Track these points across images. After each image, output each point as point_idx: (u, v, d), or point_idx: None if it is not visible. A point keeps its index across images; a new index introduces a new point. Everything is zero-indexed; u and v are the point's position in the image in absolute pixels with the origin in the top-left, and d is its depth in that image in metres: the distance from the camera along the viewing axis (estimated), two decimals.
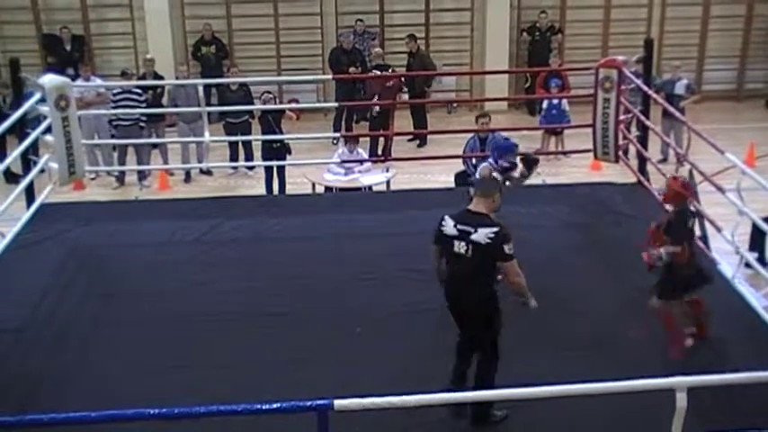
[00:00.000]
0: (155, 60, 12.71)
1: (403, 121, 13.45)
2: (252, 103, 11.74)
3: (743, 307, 6.42)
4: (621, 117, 8.73)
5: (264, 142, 11.20)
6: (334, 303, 6.59)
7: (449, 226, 5.04)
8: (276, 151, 10.94)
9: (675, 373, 3.70)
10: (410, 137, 13.58)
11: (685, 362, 5.11)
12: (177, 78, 12.48)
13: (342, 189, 10.25)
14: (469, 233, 4.94)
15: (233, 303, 6.62)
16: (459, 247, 4.97)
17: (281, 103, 12.93)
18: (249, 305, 6.59)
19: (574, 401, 4.16)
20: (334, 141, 12.46)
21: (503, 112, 14.45)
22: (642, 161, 9.01)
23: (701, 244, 7.65)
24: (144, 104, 11.76)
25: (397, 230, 7.89)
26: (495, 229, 4.92)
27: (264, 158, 11.24)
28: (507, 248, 4.92)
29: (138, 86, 11.92)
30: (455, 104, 15.44)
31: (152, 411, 3.76)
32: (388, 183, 10.53)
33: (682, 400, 3.52)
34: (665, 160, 11.86)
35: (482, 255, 4.92)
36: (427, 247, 6.21)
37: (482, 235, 4.90)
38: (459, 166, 10.56)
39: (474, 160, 10.26)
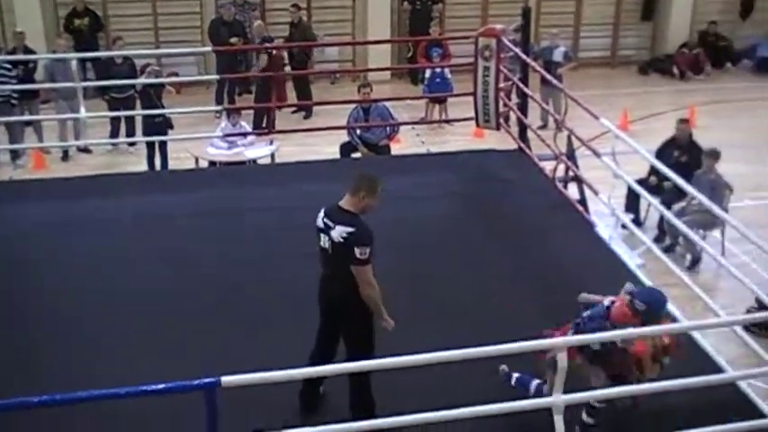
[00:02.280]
0: (25, 34, 12.16)
1: (287, 92, 13.38)
2: (136, 78, 11.41)
3: (619, 266, 6.65)
4: (501, 85, 8.87)
5: (145, 117, 10.92)
6: (218, 281, 6.50)
7: (319, 218, 4.89)
8: (157, 126, 10.68)
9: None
10: (294, 109, 13.50)
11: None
12: (55, 52, 11.97)
13: (226, 163, 10.11)
14: (330, 228, 4.76)
15: (116, 283, 6.46)
16: (323, 241, 4.82)
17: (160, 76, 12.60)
18: (132, 284, 6.43)
19: (460, 368, 4.23)
20: (217, 115, 12.25)
21: (386, 82, 14.51)
22: (522, 128, 9.20)
23: (579, 207, 7.91)
24: (15, 80, 11.27)
25: (283, 204, 7.83)
26: (350, 230, 4.69)
27: (146, 134, 10.95)
28: (359, 252, 4.64)
29: (7, 61, 11.41)
30: (338, 75, 15.41)
31: (31, 399, 3.64)
32: (272, 155, 10.45)
33: (562, 360, 3.63)
34: (544, 126, 12.14)
35: (338, 253, 4.73)
36: (312, 219, 6.17)
37: (338, 232, 4.70)
38: (343, 137, 10.57)
39: (358, 131, 10.30)
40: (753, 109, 14.11)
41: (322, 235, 4.82)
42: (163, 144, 10.82)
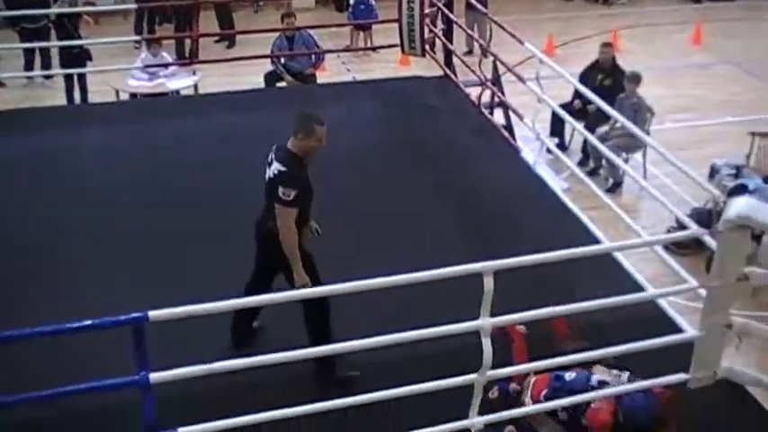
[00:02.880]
0: None
1: (208, 22, 13.05)
2: (49, 7, 10.97)
3: (544, 190, 6.75)
4: (426, 11, 8.80)
5: (62, 49, 10.53)
6: (141, 215, 6.39)
7: (271, 151, 4.80)
8: (75, 58, 10.33)
9: (481, 258, 3.87)
10: (217, 38, 13.20)
11: (490, 249, 5.34)
12: None
13: (147, 95, 9.87)
14: (270, 163, 4.71)
15: (32, 221, 6.29)
16: (266, 174, 4.75)
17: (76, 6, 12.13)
18: (50, 223, 6.28)
19: (385, 293, 4.27)
20: (137, 45, 11.91)
21: (310, 10, 14.29)
22: (448, 54, 9.16)
23: (505, 132, 7.97)
24: None
25: (206, 136, 7.70)
26: (282, 168, 4.60)
27: (63, 66, 10.59)
28: (282, 191, 4.53)
29: None
30: (261, 3, 15.09)
31: None
32: (195, 86, 10.24)
33: (489, 283, 3.68)
34: (470, 52, 12.13)
35: (270, 189, 4.65)
36: (240, 151, 6.10)
37: (273, 168, 4.65)
38: (268, 66, 10.40)
39: (283, 59, 10.15)
40: (673, 33, 14.32)
41: (267, 168, 4.76)
42: (81, 77, 10.50)
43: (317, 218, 5.00)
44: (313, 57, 10.29)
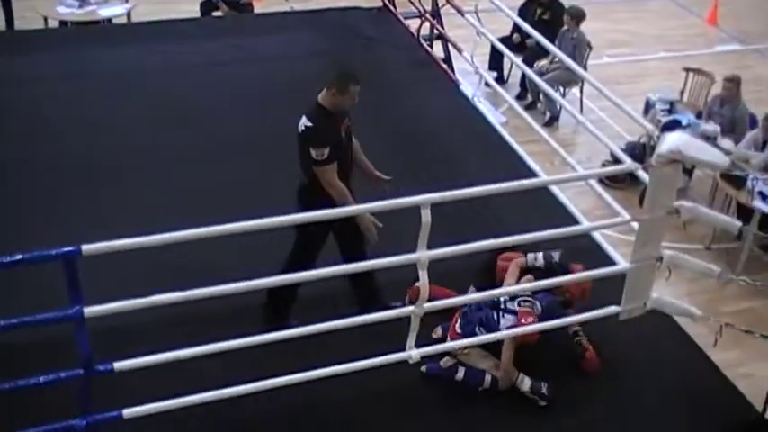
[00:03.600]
0: None
1: None
2: None
3: (482, 123, 6.76)
4: None
5: None
6: (73, 146, 6.26)
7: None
8: None
9: (419, 191, 3.89)
10: None
11: (429, 182, 5.35)
12: None
13: (78, 23, 9.55)
14: (301, 116, 4.56)
15: None
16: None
17: None
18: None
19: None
20: None
21: None
22: None
23: (444, 65, 7.93)
24: None
25: (140, 65, 7.52)
26: (309, 124, 4.47)
27: None
28: (315, 153, 4.39)
29: None
30: None
31: None
32: (128, 14, 9.93)
33: (426, 216, 3.69)
34: None
35: (299, 143, 4.52)
36: (175, 82, 5.93)
37: (301, 122, 4.50)
38: None
39: None
40: None
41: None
42: (6, 2, 10.09)
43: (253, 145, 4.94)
44: None
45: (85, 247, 3.27)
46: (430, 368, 4.51)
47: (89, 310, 3.33)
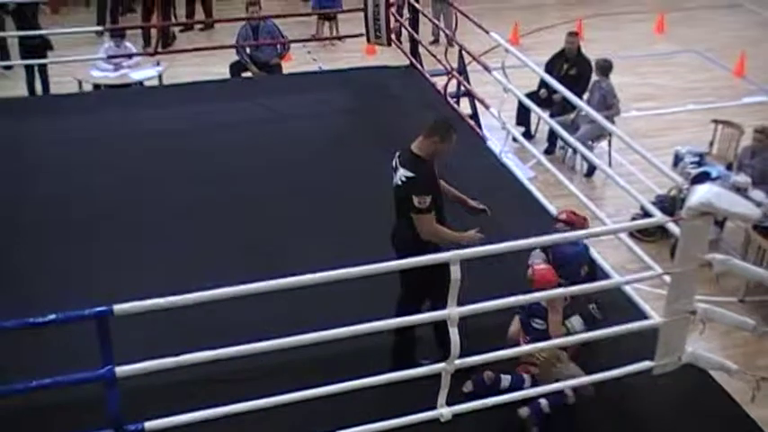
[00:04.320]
0: None
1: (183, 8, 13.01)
2: None
3: (511, 179, 6.78)
4: (392, 0, 8.79)
5: (22, 39, 10.36)
6: (114, 209, 6.34)
7: (396, 156, 4.72)
8: (35, 48, 10.16)
9: (449, 247, 3.89)
10: (201, 26, 13.09)
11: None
12: None
13: (111, 86, 9.76)
14: (397, 169, 4.61)
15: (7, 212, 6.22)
16: (394, 180, 4.67)
17: None
18: (20, 216, 6.21)
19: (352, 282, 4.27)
20: (100, 35, 11.75)
21: None
22: (414, 44, 9.16)
23: (471, 122, 7.98)
24: None
25: (172, 126, 7.65)
26: (410, 174, 4.50)
27: (23, 57, 10.41)
28: (417, 200, 4.46)
29: None
30: None
31: None
32: (160, 77, 10.14)
33: (456, 272, 3.69)
34: (435, 42, 12.14)
35: (399, 195, 4.60)
36: (207, 142, 5.97)
37: (400, 174, 4.56)
38: (233, 56, 10.32)
39: (248, 49, 10.08)
40: (637, 22, 14.41)
41: (394, 173, 4.67)
42: (43, 67, 10.33)
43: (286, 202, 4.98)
44: (278, 46, 10.22)
45: (117, 307, 3.30)
46: (477, 381, 4.52)
47: (121, 370, 3.35)
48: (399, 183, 4.57)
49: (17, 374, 3.49)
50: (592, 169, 9.26)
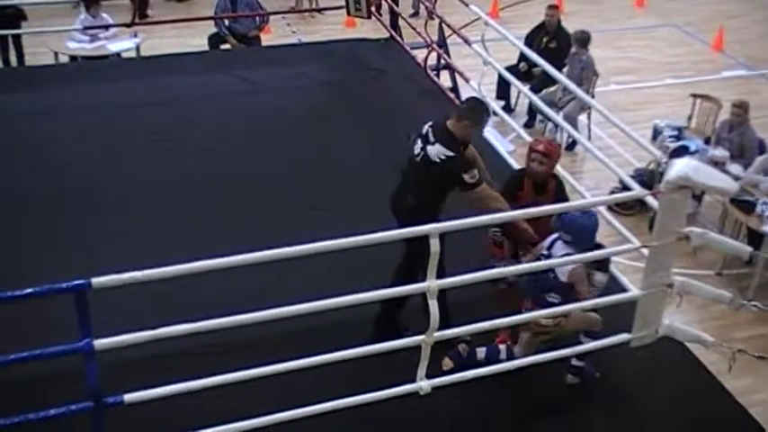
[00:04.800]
0: None
1: None
2: None
3: (491, 152, 6.76)
4: None
5: None
6: (83, 179, 6.29)
7: (425, 126, 4.68)
8: (9, 18, 10.01)
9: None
10: None
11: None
12: None
13: (88, 57, 9.65)
14: (429, 142, 4.56)
15: None
16: (416, 149, 4.64)
17: None
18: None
19: (338, 255, 4.26)
20: (75, 5, 11.60)
21: None
22: (394, 16, 9.11)
23: (451, 95, 7.97)
24: None
25: (150, 99, 7.57)
26: (450, 154, 4.48)
27: None
28: (468, 177, 4.46)
29: None
30: None
31: None
32: (137, 49, 10.03)
33: (435, 245, 3.69)
34: (416, 14, 12.08)
35: (426, 168, 4.56)
36: (184, 114, 5.90)
37: (437, 151, 4.51)
38: (211, 28, 10.23)
39: (226, 21, 9.99)
40: None
41: (419, 141, 4.62)
42: (17, 38, 10.19)
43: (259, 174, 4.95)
44: (257, 18, 10.14)
45: (95, 280, 3.28)
46: (452, 355, 4.57)
47: (99, 343, 3.33)
48: (437, 159, 4.50)
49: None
50: (573, 143, 9.28)
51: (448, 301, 4.38)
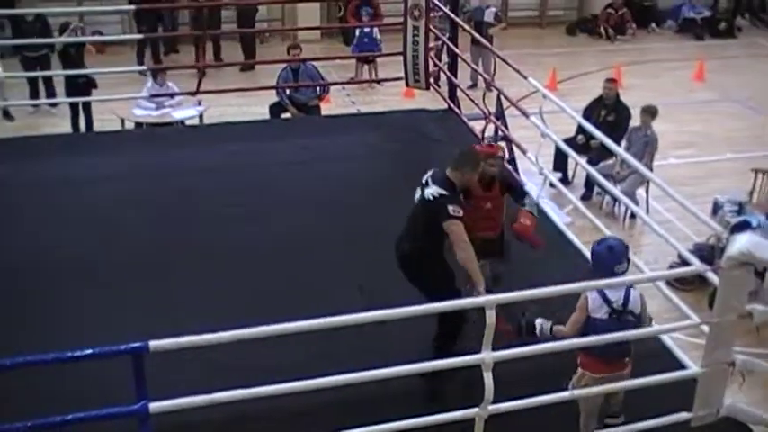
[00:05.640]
0: None
1: (231, 51, 13.20)
2: (50, 36, 11.04)
3: (547, 224, 6.74)
4: (431, 44, 8.86)
5: (68, 78, 10.60)
6: (146, 244, 6.40)
7: (427, 174, 5.01)
8: (80, 87, 10.39)
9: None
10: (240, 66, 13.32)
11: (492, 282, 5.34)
12: None
13: (153, 125, 9.91)
14: (427, 186, 4.90)
15: (41, 251, 6.29)
16: (416, 196, 4.96)
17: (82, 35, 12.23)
18: (59, 252, 6.27)
19: (394, 325, 4.25)
20: (144, 74, 11.98)
21: (316, 42, 14.37)
22: (452, 88, 9.21)
23: (508, 166, 7.98)
24: None
25: (211, 165, 7.72)
26: (443, 192, 4.80)
27: (68, 95, 10.65)
28: (452, 209, 4.74)
29: None
30: (267, 35, 15.20)
31: None
32: (201, 117, 10.29)
33: (491, 317, 3.67)
34: (474, 86, 12.18)
35: (423, 208, 4.88)
36: (245, 181, 5.99)
37: (432, 190, 4.84)
38: (273, 97, 10.46)
39: (288, 91, 10.21)
40: (676, 69, 14.40)
41: (419, 189, 4.97)
42: (87, 105, 10.55)
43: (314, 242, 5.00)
44: (318, 88, 10.35)
45: (153, 343, 3.33)
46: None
47: (155, 406, 3.36)
48: (431, 198, 4.81)
49: (54, 407, 3.50)
50: (631, 216, 9.20)
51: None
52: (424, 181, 4.95)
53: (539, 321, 4.64)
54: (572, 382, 4.47)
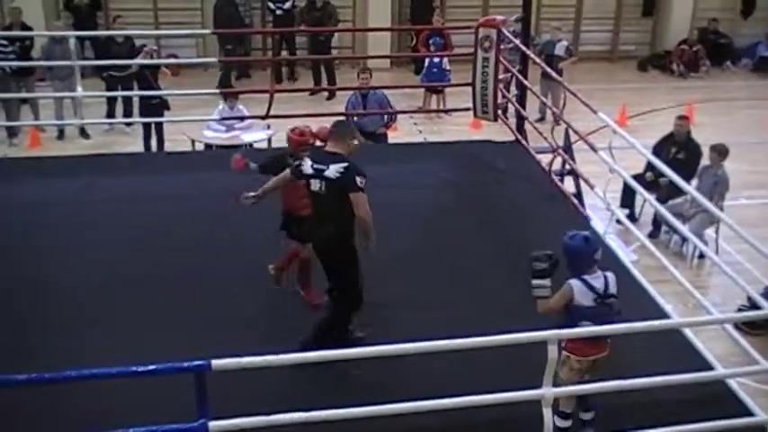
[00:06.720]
0: (21, 9, 12.06)
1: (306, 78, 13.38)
2: (135, 57, 11.32)
3: (613, 261, 6.64)
4: (500, 76, 8.85)
5: (142, 98, 10.87)
6: (209, 262, 6.48)
7: (307, 165, 5.23)
8: (154, 107, 10.65)
9: (546, 327, 3.83)
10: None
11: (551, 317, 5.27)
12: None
13: (222, 146, 10.08)
14: (323, 170, 5.14)
15: (107, 263, 6.43)
16: (315, 185, 5.18)
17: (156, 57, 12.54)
18: (124, 265, 6.41)
19: (449, 358, 4.22)
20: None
21: (386, 70, 14.49)
22: (520, 120, 9.18)
23: (575, 200, 7.91)
24: (12, 56, 11.20)
25: None
26: (345, 164, 5.10)
27: (142, 115, 10.92)
28: (359, 180, 5.08)
29: (3, 37, 11.34)
30: (338, 62, 15.36)
31: (20, 377, 3.63)
32: (269, 140, 10.42)
33: (553, 351, 3.63)
34: (542, 119, 12.15)
35: (334, 190, 5.12)
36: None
37: (333, 170, 5.10)
38: None
39: (355, 117, 10.28)
40: (749, 108, 14.13)
41: (313, 180, 5.19)
42: (159, 125, 10.79)
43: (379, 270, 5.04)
44: (385, 116, 10.40)
45: (215, 362, 3.37)
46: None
47: (214, 425, 3.39)
48: (337, 175, 5.09)
49: (105, 424, 3.55)
50: (700, 256, 9.03)
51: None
52: (311, 171, 5.16)
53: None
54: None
